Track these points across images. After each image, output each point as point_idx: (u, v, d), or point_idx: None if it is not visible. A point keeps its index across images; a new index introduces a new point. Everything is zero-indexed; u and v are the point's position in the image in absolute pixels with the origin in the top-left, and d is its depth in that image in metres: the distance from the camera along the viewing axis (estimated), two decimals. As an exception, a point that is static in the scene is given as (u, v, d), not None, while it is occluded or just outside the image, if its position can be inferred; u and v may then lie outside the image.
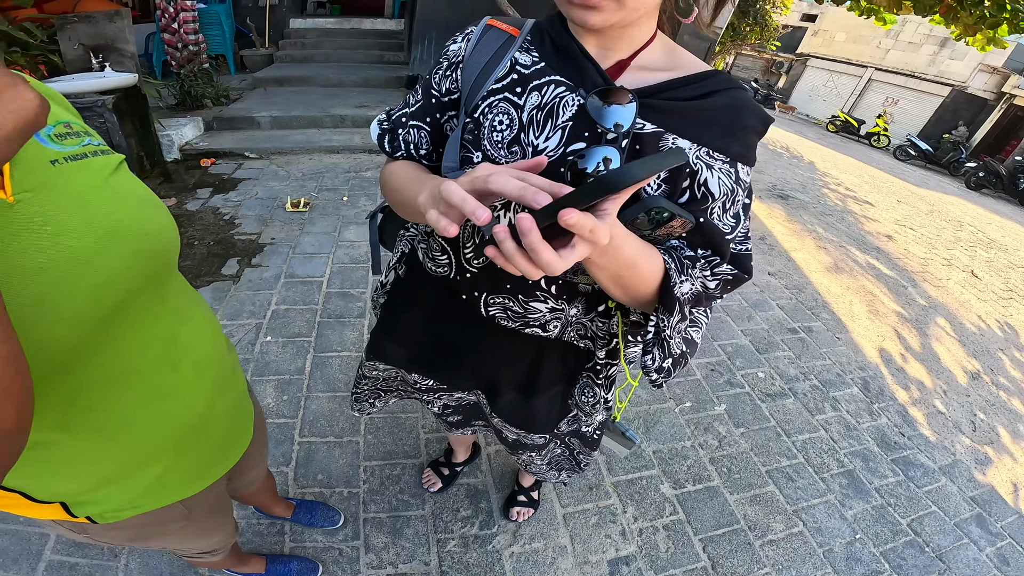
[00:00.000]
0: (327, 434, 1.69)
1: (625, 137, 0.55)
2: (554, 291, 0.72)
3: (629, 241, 0.52)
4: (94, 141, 0.52)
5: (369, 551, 1.40)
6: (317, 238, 2.84)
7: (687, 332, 0.63)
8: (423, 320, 0.88)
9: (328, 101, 4.98)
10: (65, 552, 1.32)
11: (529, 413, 0.92)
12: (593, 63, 0.59)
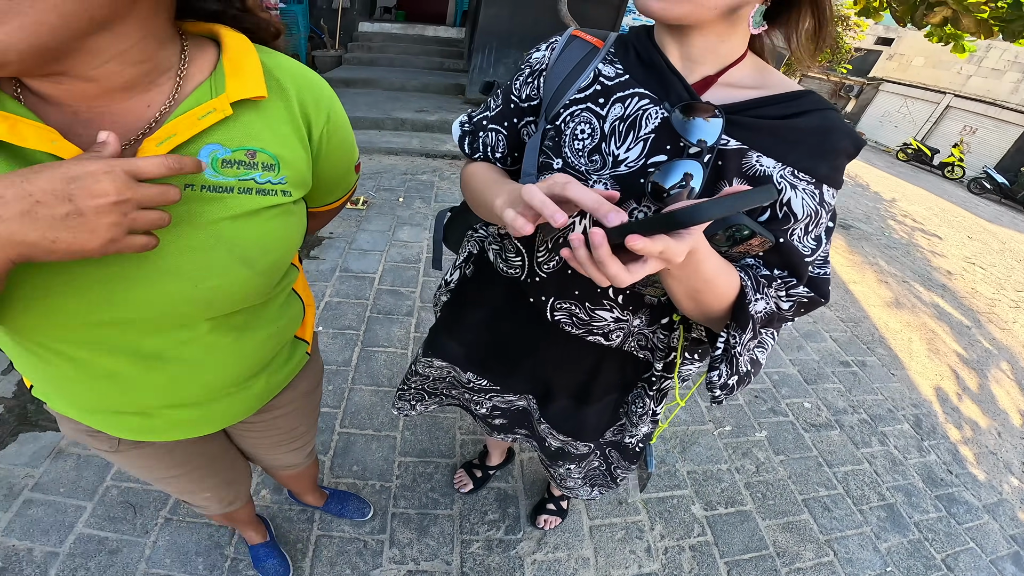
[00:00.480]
0: (366, 427, 1.77)
1: (709, 152, 0.56)
2: (621, 301, 0.73)
3: (711, 258, 0.52)
4: (262, 178, 0.51)
5: (393, 546, 1.44)
6: (372, 236, 2.97)
7: (754, 352, 0.62)
8: (486, 319, 0.90)
9: (390, 104, 5.18)
10: (96, 526, 1.40)
11: (580, 420, 0.93)
12: (679, 77, 0.59)
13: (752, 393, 2.29)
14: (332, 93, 0.61)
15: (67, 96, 0.44)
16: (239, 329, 0.62)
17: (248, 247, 0.52)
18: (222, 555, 1.36)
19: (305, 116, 0.56)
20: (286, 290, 0.70)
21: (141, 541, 1.37)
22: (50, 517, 1.41)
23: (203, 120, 0.47)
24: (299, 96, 0.55)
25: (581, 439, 0.97)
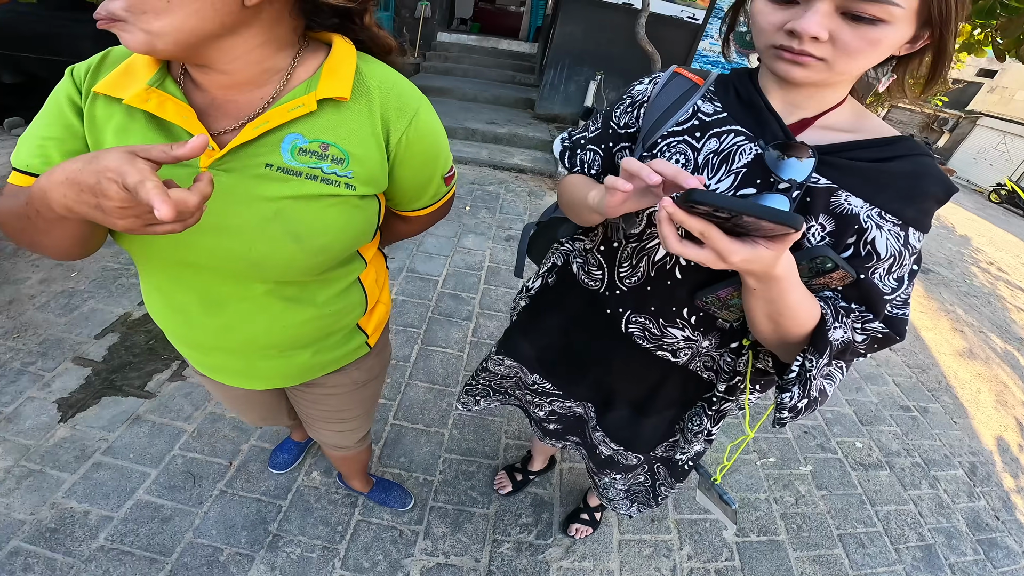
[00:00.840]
0: (418, 421, 1.88)
1: (798, 189, 0.59)
2: (693, 321, 0.76)
3: (797, 287, 0.56)
4: (329, 169, 0.59)
5: (427, 537, 1.51)
6: (439, 240, 3.15)
7: (823, 380, 0.64)
8: (562, 325, 0.96)
9: (462, 114, 5.41)
10: (155, 494, 1.51)
11: (636, 431, 0.98)
12: (776, 117, 0.63)
13: (802, 428, 2.27)
14: (422, 105, 0.66)
15: (209, 84, 0.58)
16: (290, 300, 0.70)
17: (300, 226, 0.59)
18: (265, 531, 1.46)
19: (385, 121, 0.62)
20: (347, 278, 0.76)
21: (193, 511, 1.49)
22: (114, 481, 1.54)
23: (292, 112, 0.56)
24: (383, 102, 0.62)
25: (633, 450, 1.01)
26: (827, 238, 0.61)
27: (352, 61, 0.62)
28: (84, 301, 2.29)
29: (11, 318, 2.15)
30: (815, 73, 0.56)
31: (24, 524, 1.40)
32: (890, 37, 0.52)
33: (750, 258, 0.49)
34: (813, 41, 0.53)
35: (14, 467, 1.54)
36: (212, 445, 1.70)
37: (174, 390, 1.88)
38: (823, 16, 0.52)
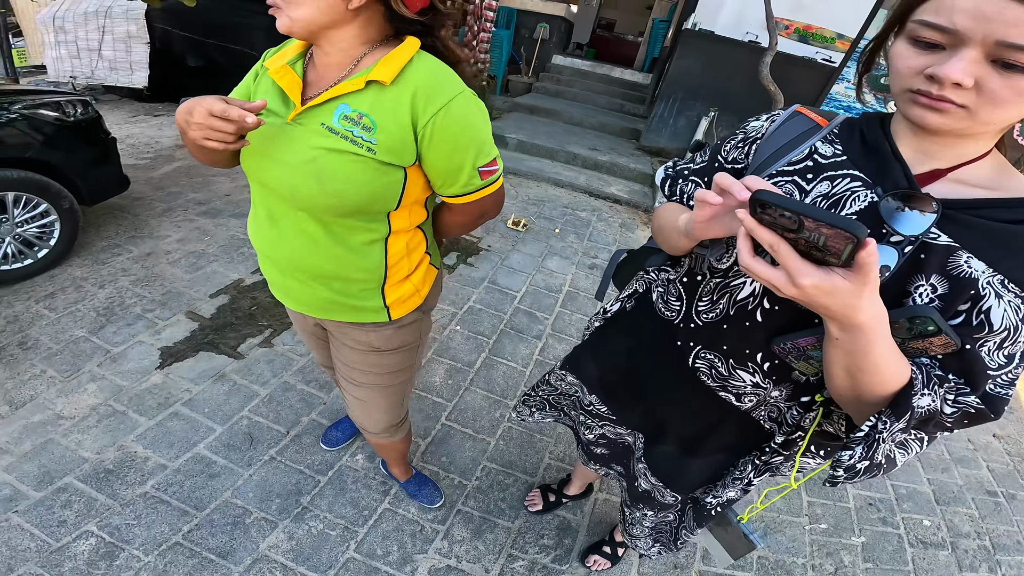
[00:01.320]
0: (468, 425, 1.90)
1: (910, 244, 0.55)
2: (766, 368, 0.72)
3: (885, 342, 0.52)
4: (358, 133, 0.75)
5: (446, 538, 1.52)
6: (524, 257, 3.18)
7: (894, 448, 0.60)
8: (629, 350, 0.96)
9: (566, 137, 5.47)
10: (213, 450, 1.61)
11: (679, 470, 0.94)
12: (902, 165, 0.58)
13: (867, 499, 2.03)
14: (459, 98, 0.77)
15: (319, 63, 0.80)
16: (321, 233, 0.85)
17: (324, 171, 0.76)
18: (297, 502, 1.52)
19: (413, 106, 0.75)
20: (370, 235, 0.87)
21: (240, 472, 1.57)
22: (182, 432, 1.65)
23: (346, 88, 0.75)
24: (416, 90, 0.75)
25: (672, 488, 0.97)
26: (937, 301, 0.55)
27: (407, 56, 0.76)
28: (209, 263, 2.58)
29: (145, 268, 2.47)
30: (954, 121, 0.51)
31: (86, 462, 1.54)
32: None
33: (822, 285, 0.47)
34: (955, 88, 0.49)
35: (101, 406, 1.73)
36: (277, 412, 1.81)
37: (260, 355, 2.04)
38: (969, 63, 0.48)
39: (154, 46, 5.18)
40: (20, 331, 1.99)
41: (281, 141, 0.78)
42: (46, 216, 2.27)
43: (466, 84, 0.82)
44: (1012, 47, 0.46)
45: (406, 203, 0.86)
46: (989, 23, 0.46)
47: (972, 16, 0.47)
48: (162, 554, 1.35)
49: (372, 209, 0.83)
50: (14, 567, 1.28)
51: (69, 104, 2.35)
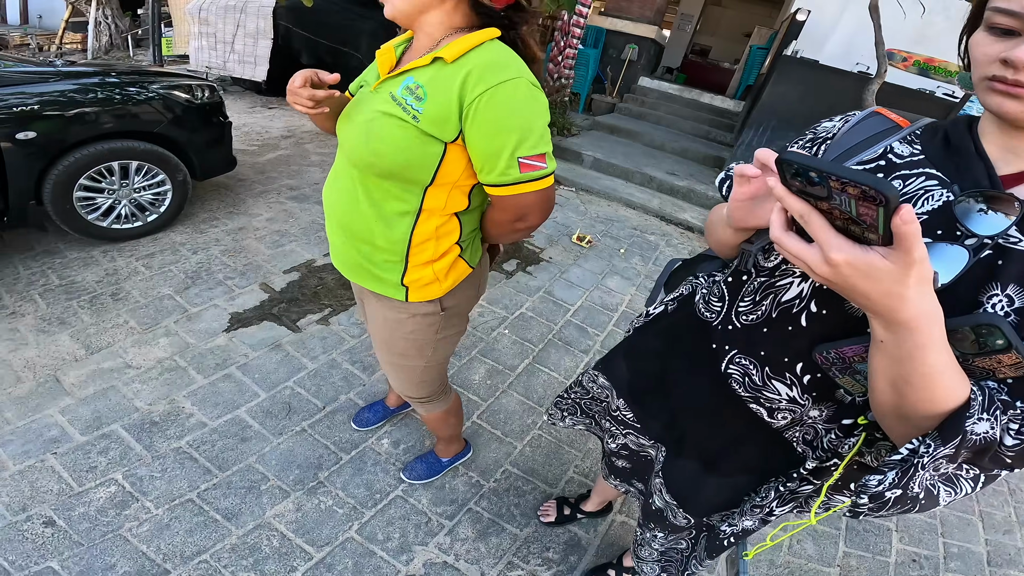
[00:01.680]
0: (497, 427, 1.87)
1: (984, 246, 0.50)
2: (806, 381, 0.66)
3: (939, 351, 0.46)
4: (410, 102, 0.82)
5: (449, 534, 1.49)
6: (583, 273, 3.12)
7: (937, 481, 0.53)
8: (662, 351, 0.92)
9: (644, 159, 5.36)
10: (252, 414, 1.69)
11: (696, 488, 0.88)
12: (986, 164, 0.54)
13: (911, 555, 1.78)
14: (508, 84, 0.79)
15: (414, 46, 0.90)
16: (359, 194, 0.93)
17: (372, 131, 0.84)
18: (314, 475, 1.56)
19: (463, 86, 0.79)
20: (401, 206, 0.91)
21: (270, 439, 1.64)
22: (229, 394, 1.75)
23: (417, 63, 0.83)
24: (467, 73, 0.78)
25: (686, 508, 0.90)
26: (1014, 315, 0.49)
27: (476, 41, 0.81)
28: (289, 242, 2.79)
29: (235, 240, 2.71)
30: None
31: (136, 412, 1.68)
32: None
33: (856, 262, 0.42)
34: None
35: (166, 359, 1.90)
36: (318, 387, 1.89)
37: (316, 331, 2.15)
38: None
39: (276, 42, 5.63)
40: (116, 284, 2.25)
41: (361, 105, 0.90)
42: (162, 185, 2.57)
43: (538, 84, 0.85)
44: None
45: (442, 181, 0.88)
46: None
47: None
48: (171, 509, 1.42)
49: (407, 176, 0.86)
50: (28, 507, 1.36)
51: (198, 88, 2.67)
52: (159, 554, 1.31)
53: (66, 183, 2.23)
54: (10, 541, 1.29)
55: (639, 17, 6.99)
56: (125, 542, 1.33)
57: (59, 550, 1.29)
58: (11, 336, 1.89)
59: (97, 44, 9.85)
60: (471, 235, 1.02)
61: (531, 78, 0.83)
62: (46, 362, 1.81)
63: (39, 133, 2.09)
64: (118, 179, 2.40)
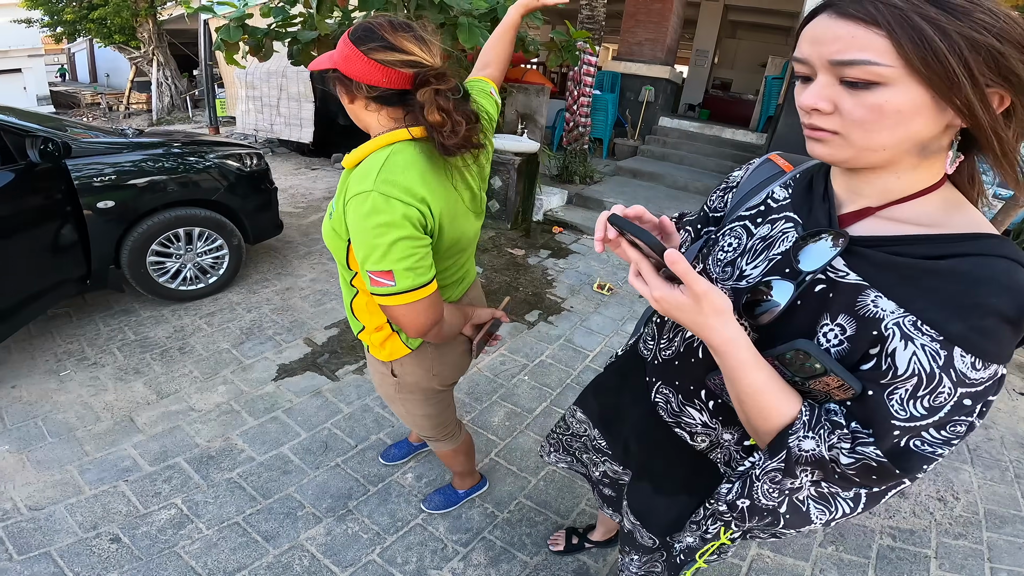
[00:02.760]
0: (513, 463, 1.99)
1: (817, 280, 0.56)
2: (711, 406, 0.74)
3: (757, 371, 0.53)
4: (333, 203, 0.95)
5: (463, 560, 1.60)
6: (604, 320, 3.23)
7: (799, 498, 0.59)
8: (618, 386, 1.04)
9: (667, 203, 5.46)
10: (293, 451, 1.92)
11: (650, 507, 0.96)
12: (829, 205, 0.59)
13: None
14: (352, 200, 0.85)
15: None
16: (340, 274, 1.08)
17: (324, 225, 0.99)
18: (344, 504, 1.74)
19: (344, 192, 0.90)
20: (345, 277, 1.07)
21: (308, 472, 1.84)
22: (276, 433, 1.99)
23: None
24: (347, 184, 0.89)
25: (646, 525, 0.98)
26: (846, 343, 0.53)
27: (371, 148, 0.90)
28: (329, 300, 3.08)
29: (282, 299, 3.02)
30: (836, 149, 0.52)
31: (196, 447, 1.92)
32: (894, 101, 0.46)
33: (667, 297, 0.53)
34: (817, 114, 0.51)
35: (224, 403, 2.16)
36: (352, 428, 2.09)
37: (352, 380, 2.38)
38: (821, 87, 0.50)
39: (316, 105, 6.03)
40: (182, 339, 2.57)
41: None
42: (220, 250, 2.92)
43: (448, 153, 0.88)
44: (842, 64, 0.47)
45: (356, 268, 0.96)
46: (821, 45, 0.49)
47: (809, 41, 0.50)
48: (220, 530, 1.62)
49: (337, 258, 1.01)
50: (99, 526, 1.59)
51: (247, 156, 3.00)
52: (205, 569, 1.50)
53: (140, 248, 2.58)
54: (78, 555, 1.50)
55: (651, 59, 7.18)
56: (178, 558, 1.52)
57: (120, 564, 1.49)
58: (92, 383, 2.22)
59: (160, 104, 10.98)
60: None
61: (384, 190, 0.82)
62: (122, 405, 2.11)
63: (116, 202, 2.42)
64: (183, 244, 2.75)
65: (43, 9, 10.73)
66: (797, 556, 1.71)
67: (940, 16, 0.44)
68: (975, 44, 0.44)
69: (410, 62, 0.85)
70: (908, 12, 0.44)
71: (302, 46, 3.04)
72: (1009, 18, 0.45)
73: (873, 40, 0.46)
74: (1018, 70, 0.45)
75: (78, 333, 2.56)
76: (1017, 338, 0.49)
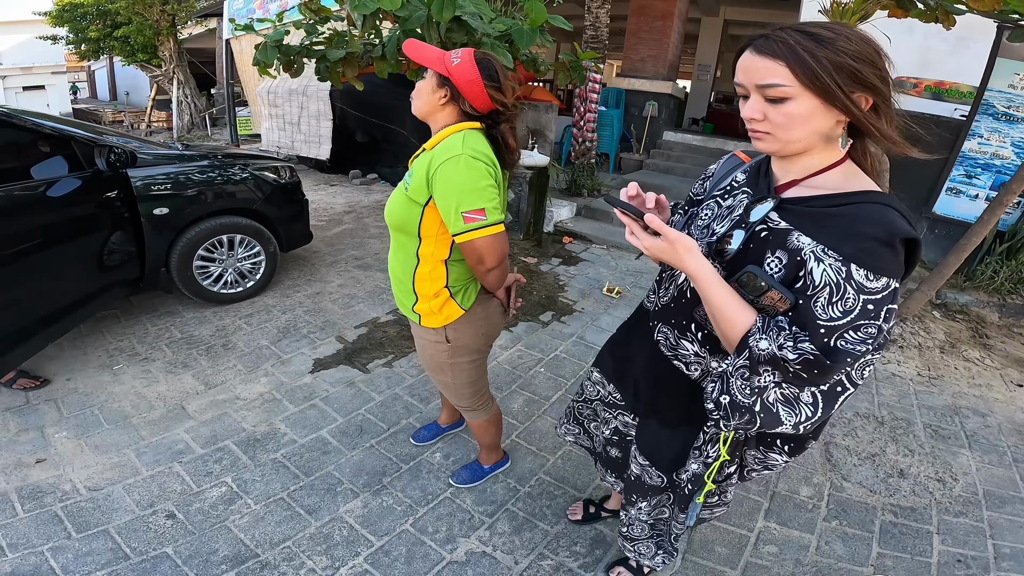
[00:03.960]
0: (532, 444, 2.15)
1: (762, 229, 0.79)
2: (700, 337, 0.94)
3: (718, 290, 0.74)
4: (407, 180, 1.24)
5: (489, 529, 1.74)
6: (614, 319, 3.40)
7: (768, 399, 0.75)
8: (627, 336, 1.21)
9: (670, 209, 5.63)
10: (331, 434, 2.10)
11: (657, 443, 1.12)
12: (770, 180, 0.83)
13: (956, 556, 1.78)
14: (448, 161, 1.14)
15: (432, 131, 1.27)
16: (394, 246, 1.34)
17: (389, 198, 1.26)
18: (380, 480, 1.90)
19: (430, 164, 1.17)
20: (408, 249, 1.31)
21: (345, 453, 2.01)
22: (315, 419, 2.17)
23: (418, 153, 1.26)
24: (433, 155, 1.18)
25: (656, 465, 1.13)
26: (783, 270, 0.75)
27: (449, 132, 1.20)
28: (358, 303, 3.29)
29: (314, 302, 3.24)
30: (770, 143, 0.75)
31: (243, 431, 2.11)
32: (799, 109, 0.69)
33: (653, 245, 0.76)
34: (754, 121, 0.73)
35: (266, 393, 2.36)
36: (384, 414, 2.28)
37: (382, 372, 2.57)
38: (755, 103, 0.72)
39: (334, 123, 6.19)
40: (225, 337, 2.79)
41: None
42: (257, 256, 3.14)
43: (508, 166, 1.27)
44: (764, 87, 0.70)
45: (426, 234, 1.25)
46: (749, 73, 0.71)
47: (742, 71, 0.73)
48: (267, 505, 1.77)
49: (405, 228, 1.26)
50: (155, 503, 1.73)
51: (282, 168, 3.23)
52: (253, 541, 1.64)
53: (188, 253, 2.80)
54: (135, 531, 1.62)
55: (654, 75, 7.37)
56: (228, 531, 1.67)
57: (175, 538, 1.61)
58: (145, 376, 2.43)
59: (180, 122, 11.21)
60: (460, 282, 1.34)
61: (473, 153, 1.14)
62: (174, 395, 2.31)
63: (170, 209, 2.64)
64: (225, 250, 2.97)
65: (68, 27, 10.94)
66: (803, 529, 1.83)
67: (814, 47, 0.66)
68: (839, 65, 0.66)
69: (501, 103, 1.22)
70: (795, 47, 0.67)
71: (330, 64, 3.30)
72: (861, 41, 0.67)
73: (779, 69, 0.68)
74: (872, 80, 0.67)
75: (127, 332, 2.78)
76: (896, 256, 0.69)
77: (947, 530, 1.88)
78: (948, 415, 2.57)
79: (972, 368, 3.06)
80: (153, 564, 1.53)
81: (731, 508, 1.83)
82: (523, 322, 3.20)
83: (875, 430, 2.39)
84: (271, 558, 1.59)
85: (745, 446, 1.01)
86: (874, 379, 2.81)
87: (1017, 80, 4.00)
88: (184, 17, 10.63)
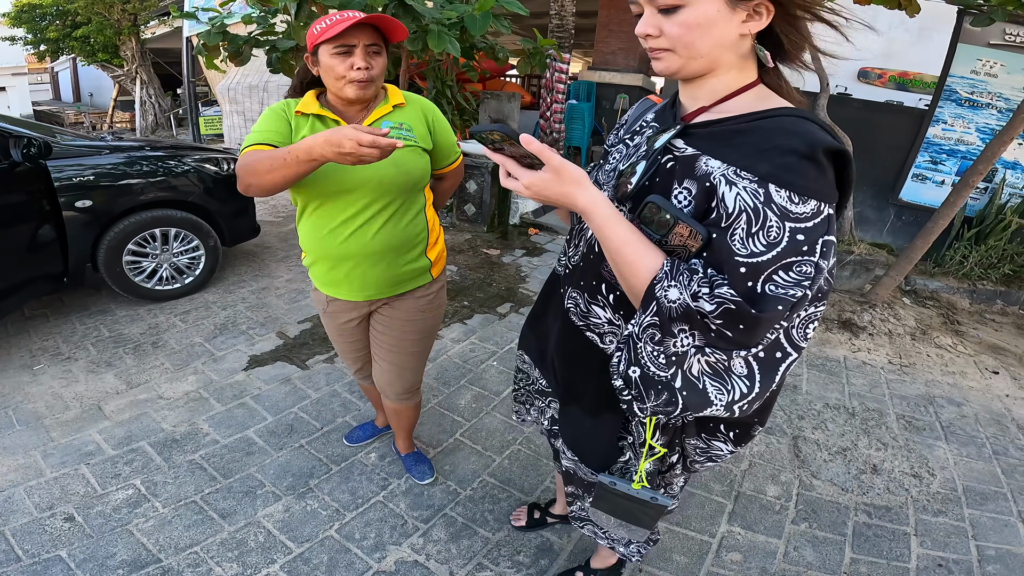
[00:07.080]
0: (478, 443, 2.01)
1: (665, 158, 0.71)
2: (612, 301, 0.81)
3: (615, 224, 0.63)
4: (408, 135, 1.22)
5: (423, 536, 1.60)
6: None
7: (692, 372, 0.62)
8: (542, 309, 1.05)
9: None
10: (259, 434, 1.96)
11: (581, 432, 0.96)
12: (676, 111, 0.75)
13: (936, 560, 1.65)
14: (436, 109, 1.32)
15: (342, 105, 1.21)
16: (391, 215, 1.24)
17: (398, 160, 1.17)
18: (305, 483, 1.76)
19: (424, 113, 1.28)
20: (418, 206, 1.31)
21: (271, 453, 1.87)
22: (242, 418, 2.02)
23: (380, 112, 1.21)
24: (421, 105, 1.29)
25: (584, 461, 0.98)
26: (692, 202, 0.66)
27: (400, 94, 1.28)
28: (304, 298, 3.13)
29: (258, 297, 3.07)
30: (669, 62, 0.66)
31: (161, 432, 1.95)
32: (694, 15, 0.61)
33: (533, 180, 0.63)
34: (650, 38, 0.65)
35: (193, 391, 2.19)
36: (319, 412, 2.12)
37: (321, 368, 2.42)
38: (648, 18, 0.65)
39: None
40: (156, 335, 2.61)
41: None
42: (196, 251, 2.98)
43: None
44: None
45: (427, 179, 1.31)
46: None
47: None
48: (176, 508, 1.63)
49: (422, 181, 1.29)
50: (55, 505, 1.61)
51: (224, 160, 3.09)
52: (156, 545, 1.51)
53: (117, 248, 2.64)
54: (30, 533, 1.52)
55: (625, 68, 7.36)
56: (129, 535, 1.54)
57: (70, 541, 1.50)
58: (65, 376, 2.25)
59: (144, 123, 10.98)
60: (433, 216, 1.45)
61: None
62: (92, 395, 2.14)
63: (95, 202, 2.49)
64: (160, 245, 2.81)
65: (26, 27, 10.68)
66: (769, 533, 1.69)
67: None
68: None
69: None
70: None
71: (281, 54, 3.15)
72: None
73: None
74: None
75: (54, 331, 2.60)
76: (822, 173, 0.59)
77: (926, 531, 1.75)
78: (922, 405, 2.48)
79: (945, 355, 2.99)
80: (45, 567, 1.43)
81: (691, 511, 1.74)
82: (479, 314, 3.08)
83: (846, 422, 2.29)
84: (174, 563, 1.46)
85: (684, 434, 0.87)
86: (844, 368, 2.74)
87: (979, 66, 4.00)
88: (146, 17, 10.38)
